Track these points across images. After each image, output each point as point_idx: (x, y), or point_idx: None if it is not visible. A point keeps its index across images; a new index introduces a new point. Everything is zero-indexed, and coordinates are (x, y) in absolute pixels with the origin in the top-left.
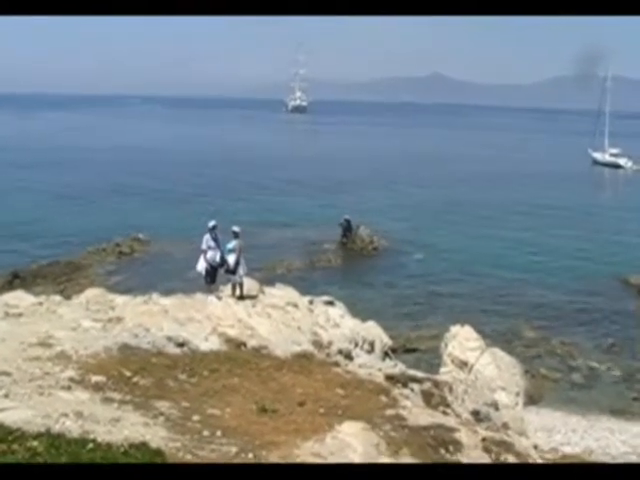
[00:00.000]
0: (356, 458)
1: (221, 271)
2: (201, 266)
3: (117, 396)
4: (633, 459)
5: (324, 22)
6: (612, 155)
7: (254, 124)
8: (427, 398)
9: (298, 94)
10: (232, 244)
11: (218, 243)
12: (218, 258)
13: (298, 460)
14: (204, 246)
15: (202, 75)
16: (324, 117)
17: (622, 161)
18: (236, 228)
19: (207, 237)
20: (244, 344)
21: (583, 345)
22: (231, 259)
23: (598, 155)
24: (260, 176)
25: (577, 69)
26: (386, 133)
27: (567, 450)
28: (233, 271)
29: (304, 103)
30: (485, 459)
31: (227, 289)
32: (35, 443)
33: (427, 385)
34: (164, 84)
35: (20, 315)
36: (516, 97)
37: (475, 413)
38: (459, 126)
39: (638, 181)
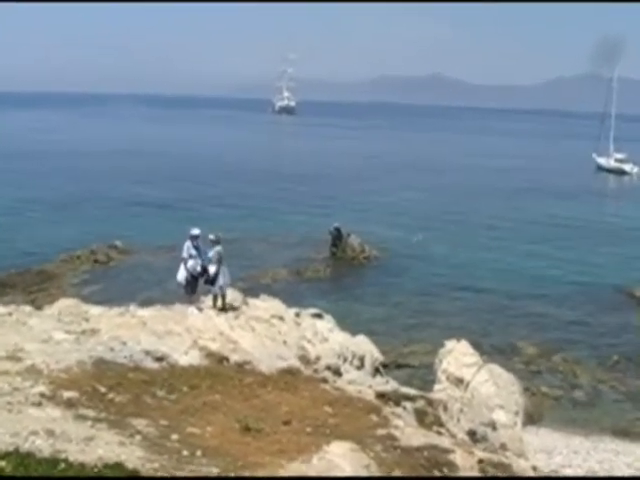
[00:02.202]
0: None
1: (202, 281)
2: (181, 276)
3: (91, 413)
4: None
5: (316, 18)
6: (617, 160)
7: (238, 125)
8: (420, 417)
9: (286, 94)
10: (211, 253)
11: (200, 252)
12: (199, 267)
13: None
14: (185, 254)
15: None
16: (313, 119)
17: (627, 167)
18: (212, 236)
19: (188, 245)
20: (226, 359)
21: (586, 361)
22: (212, 269)
23: (602, 160)
24: (244, 181)
25: (590, 66)
26: (379, 137)
27: (568, 472)
28: (212, 281)
29: (292, 104)
30: None
31: (208, 300)
32: (3, 463)
33: (420, 403)
34: (148, 82)
35: None
36: (517, 99)
37: (471, 433)
38: (457, 130)
39: None
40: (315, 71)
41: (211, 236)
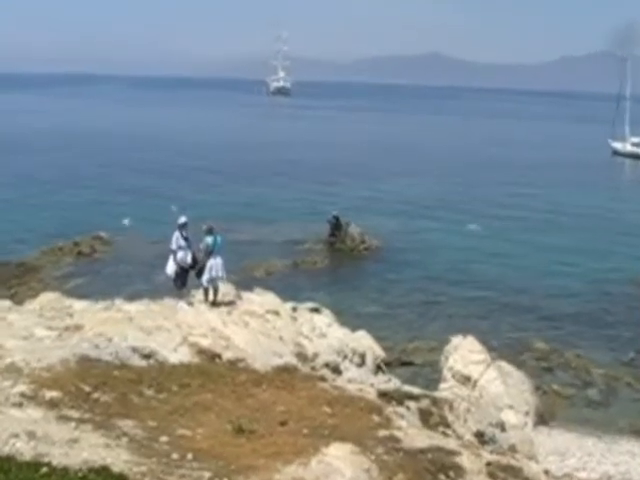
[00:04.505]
0: None
1: (193, 274)
2: (171, 268)
3: (75, 414)
4: None
5: None
6: (634, 144)
7: (231, 108)
8: (425, 417)
9: (281, 74)
10: (202, 244)
11: (189, 242)
12: (189, 259)
13: None
14: (174, 246)
15: (178, 53)
16: (310, 100)
17: None
18: (205, 226)
19: (177, 235)
20: (218, 356)
21: (600, 358)
22: (218, 260)
23: (618, 145)
24: (237, 167)
25: (609, 48)
26: (379, 120)
27: (582, 476)
28: (198, 274)
29: (287, 84)
30: None
31: (199, 294)
32: None
33: (425, 403)
34: (135, 62)
35: None
36: (522, 78)
37: (479, 434)
38: (460, 112)
39: None
40: (310, 50)
41: (204, 226)
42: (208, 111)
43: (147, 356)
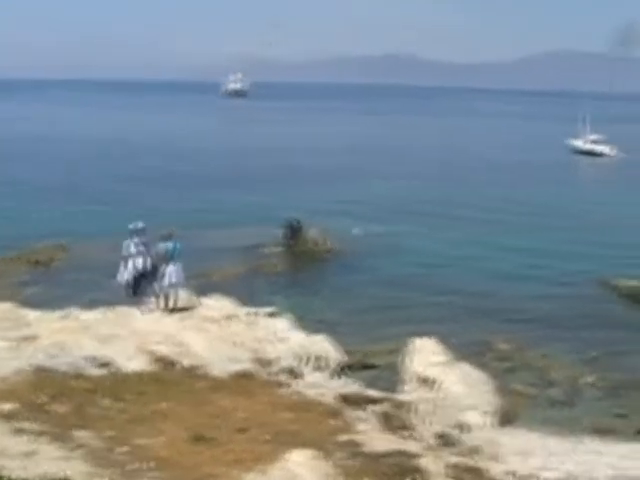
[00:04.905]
0: None
1: (150, 280)
2: (122, 276)
3: (31, 426)
4: None
5: None
6: (592, 142)
7: (185, 109)
8: (386, 421)
9: (238, 76)
10: (159, 249)
11: (148, 247)
12: (146, 265)
13: None
14: (125, 252)
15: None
16: (267, 102)
17: (604, 148)
18: (164, 231)
19: (128, 242)
20: (176, 363)
21: (563, 357)
22: (176, 266)
23: (577, 142)
24: (191, 170)
25: (609, 49)
26: (339, 120)
27: (547, 476)
28: (154, 280)
29: (244, 86)
30: None
31: (156, 300)
32: None
33: (386, 406)
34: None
35: None
36: (485, 78)
37: (441, 436)
38: (422, 111)
39: (620, 171)
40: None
41: (163, 232)
42: (171, 115)
43: (104, 365)
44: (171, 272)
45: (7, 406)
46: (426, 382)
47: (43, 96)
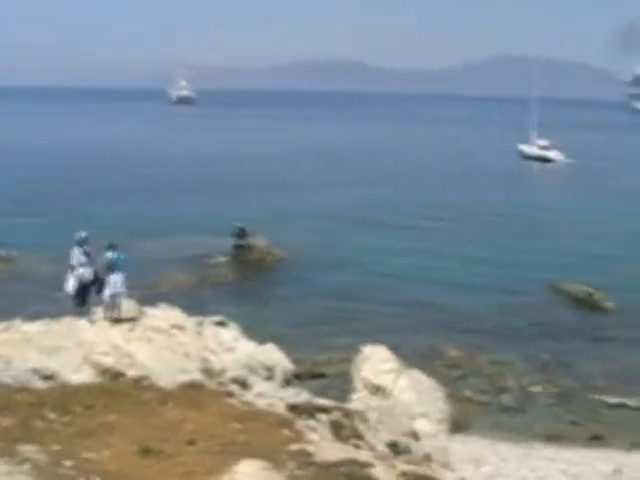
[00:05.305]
0: None
1: (94, 291)
2: (70, 286)
3: None
4: None
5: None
6: (541, 147)
7: (129, 118)
8: (337, 430)
9: (183, 83)
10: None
11: (90, 257)
12: (91, 275)
13: None
14: (73, 262)
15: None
16: (214, 109)
17: (552, 154)
18: (107, 241)
19: (76, 251)
20: (122, 374)
21: (514, 363)
22: (120, 275)
23: (526, 148)
24: (136, 179)
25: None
26: (285, 127)
27: None
28: (99, 290)
29: (191, 93)
30: None
31: (101, 311)
32: None
33: (336, 415)
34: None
35: None
36: (430, 83)
37: (392, 445)
38: (367, 117)
39: (568, 176)
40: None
41: (107, 241)
42: (109, 123)
43: (48, 377)
44: (114, 282)
45: None
46: (377, 390)
47: None
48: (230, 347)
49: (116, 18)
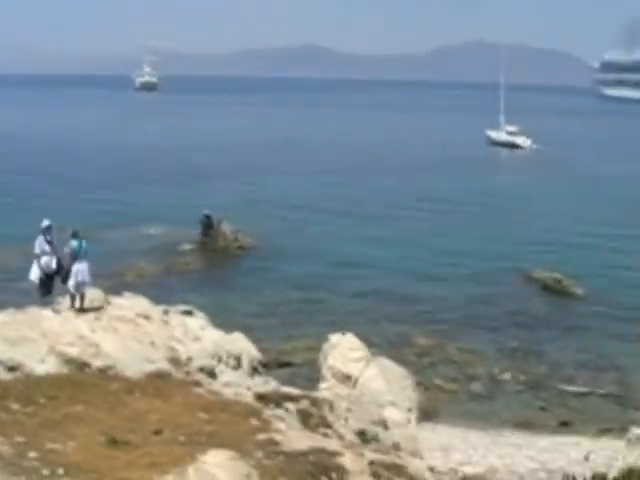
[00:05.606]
0: None
1: (58, 280)
2: (35, 275)
3: None
4: (542, 477)
5: None
6: (509, 133)
7: (93, 105)
8: (305, 419)
9: (147, 69)
10: (66, 248)
11: (54, 246)
12: (54, 264)
13: None
14: (37, 250)
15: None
16: (177, 96)
17: (520, 140)
18: (70, 229)
19: (40, 240)
20: (88, 364)
21: (483, 351)
22: (84, 264)
23: (494, 134)
24: (98, 167)
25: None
26: (247, 113)
27: (468, 470)
28: (64, 280)
29: (154, 79)
30: None
31: (66, 300)
32: None
33: (304, 404)
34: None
35: None
36: (401, 69)
37: (361, 433)
38: (335, 104)
39: (537, 162)
40: (180, 44)
41: (69, 230)
42: (71, 110)
43: (12, 368)
44: (78, 271)
45: None
46: (345, 378)
47: None
48: (197, 336)
49: (84, 7)
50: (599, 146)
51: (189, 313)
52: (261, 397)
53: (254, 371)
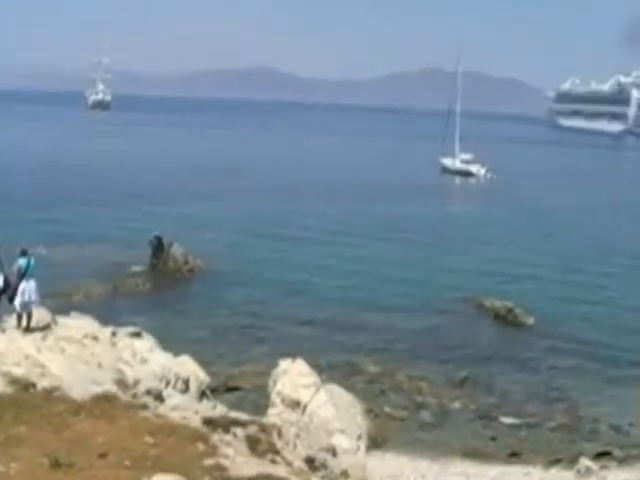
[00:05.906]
0: None
1: (4, 299)
2: None
3: None
4: None
5: (130, 5)
6: (463, 161)
7: (42, 123)
8: (253, 444)
9: (100, 87)
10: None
11: (1, 265)
12: (1, 282)
13: None
14: None
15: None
16: (130, 115)
17: (474, 168)
18: (19, 248)
19: None
20: (33, 385)
21: (433, 379)
22: (31, 283)
23: (448, 161)
24: (49, 185)
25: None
26: (202, 136)
27: None
28: (11, 298)
29: (107, 98)
30: None
31: (12, 320)
32: None
33: (252, 429)
34: None
35: None
36: (354, 94)
37: (309, 460)
38: (284, 127)
39: (490, 191)
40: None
41: (18, 248)
42: (19, 128)
43: None
44: (25, 290)
45: None
46: (294, 404)
47: None
48: (145, 358)
49: (38, 20)
50: (552, 176)
51: (137, 335)
52: (209, 422)
53: (202, 395)
